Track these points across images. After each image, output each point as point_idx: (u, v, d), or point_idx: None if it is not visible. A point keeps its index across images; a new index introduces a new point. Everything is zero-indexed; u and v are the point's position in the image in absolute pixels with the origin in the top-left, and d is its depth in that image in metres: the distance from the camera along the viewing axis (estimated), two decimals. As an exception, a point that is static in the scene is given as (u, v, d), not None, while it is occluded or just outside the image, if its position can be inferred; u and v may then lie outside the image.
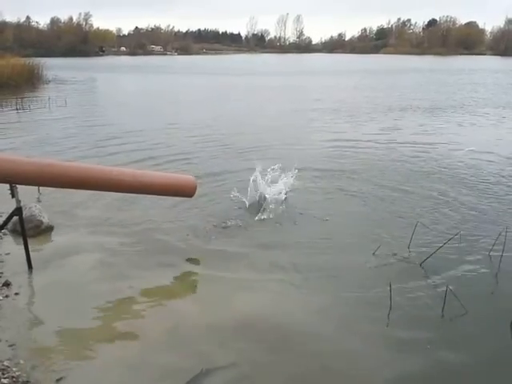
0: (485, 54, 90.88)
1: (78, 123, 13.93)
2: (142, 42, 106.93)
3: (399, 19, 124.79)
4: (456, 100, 19.95)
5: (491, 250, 5.02)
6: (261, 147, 10.29)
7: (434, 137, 11.84)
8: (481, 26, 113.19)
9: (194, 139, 11.31)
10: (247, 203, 6.46)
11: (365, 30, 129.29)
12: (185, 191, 5.45)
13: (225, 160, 9.25)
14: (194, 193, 5.48)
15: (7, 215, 4.67)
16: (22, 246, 4.63)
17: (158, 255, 5.08)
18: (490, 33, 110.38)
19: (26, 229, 4.66)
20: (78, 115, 15.74)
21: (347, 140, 11.31)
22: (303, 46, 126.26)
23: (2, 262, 4.84)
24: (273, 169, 6.65)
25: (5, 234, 5.45)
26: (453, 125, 13.73)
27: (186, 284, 4.64)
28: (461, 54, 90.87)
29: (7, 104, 17.76)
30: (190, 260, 4.96)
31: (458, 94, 22.54)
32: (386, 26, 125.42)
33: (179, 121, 14.32)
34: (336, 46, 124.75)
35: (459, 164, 8.96)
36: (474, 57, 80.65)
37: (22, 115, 15.58)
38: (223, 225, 5.82)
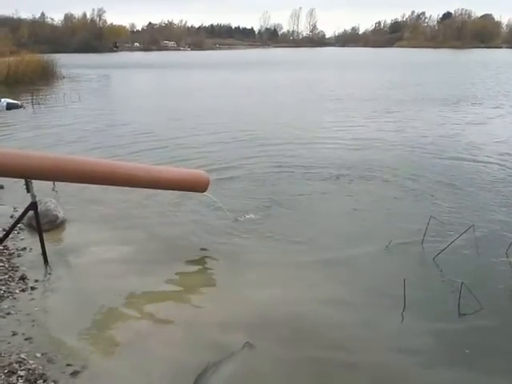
0: (501, 48, 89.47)
1: (92, 119, 13.98)
2: (156, 38, 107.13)
3: (413, 12, 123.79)
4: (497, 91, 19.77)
5: (509, 245, 4.95)
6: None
7: (461, 129, 11.72)
8: (497, 18, 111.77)
9: (209, 135, 11.30)
10: (260, 199, 6.47)
11: (379, 23, 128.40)
12: (198, 186, 5.45)
13: (242, 155, 9.22)
14: (206, 188, 5.48)
15: (23, 210, 4.72)
16: (38, 241, 4.68)
17: (173, 250, 5.10)
18: (507, 25, 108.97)
19: (41, 223, 4.71)
20: (92, 111, 15.81)
21: (367, 132, 11.29)
22: (316, 40, 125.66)
23: (19, 256, 4.89)
24: None
25: (21, 229, 5.50)
26: (483, 117, 13.51)
27: (200, 278, 4.65)
28: (476, 47, 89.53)
29: (23, 99, 17.92)
30: (204, 254, 4.97)
31: (497, 87, 22.03)
32: (400, 20, 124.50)
33: (193, 116, 14.33)
34: (349, 39, 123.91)
35: (481, 156, 8.84)
36: (490, 50, 79.40)
37: (38, 110, 15.72)
38: (238, 220, 5.82)
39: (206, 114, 14.58)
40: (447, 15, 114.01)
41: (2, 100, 15.71)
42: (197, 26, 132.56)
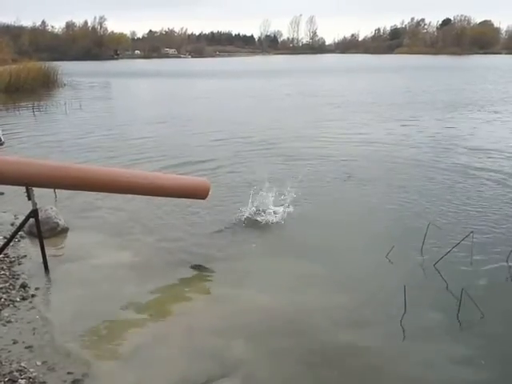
0: (500, 54, 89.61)
1: (92, 126, 13.98)
2: (156, 45, 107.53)
3: (413, 19, 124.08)
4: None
5: (509, 251, 4.93)
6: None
7: (468, 134, 11.81)
8: (496, 24, 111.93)
9: (210, 142, 11.32)
10: (261, 205, 6.48)
11: (378, 30, 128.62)
12: (198, 194, 5.46)
13: (247, 159, 9.24)
14: (207, 195, 5.49)
15: (24, 217, 4.73)
16: (39, 248, 4.68)
17: (174, 257, 5.11)
18: (506, 32, 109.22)
19: (42, 231, 4.71)
20: (93, 118, 15.85)
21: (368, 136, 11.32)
22: (316, 47, 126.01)
23: (19, 264, 4.90)
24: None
25: (21, 237, 5.51)
26: (490, 122, 13.64)
27: (200, 285, 4.65)
28: (476, 53, 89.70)
29: (24, 107, 18.00)
30: (205, 261, 4.95)
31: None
32: (399, 26, 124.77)
33: (194, 124, 14.38)
34: (349, 46, 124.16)
35: (483, 162, 8.84)
36: (490, 56, 79.54)
37: (39, 118, 15.77)
38: (239, 226, 5.82)
39: (211, 121, 14.63)
40: (446, 21, 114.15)
41: None
42: (197, 34, 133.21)
